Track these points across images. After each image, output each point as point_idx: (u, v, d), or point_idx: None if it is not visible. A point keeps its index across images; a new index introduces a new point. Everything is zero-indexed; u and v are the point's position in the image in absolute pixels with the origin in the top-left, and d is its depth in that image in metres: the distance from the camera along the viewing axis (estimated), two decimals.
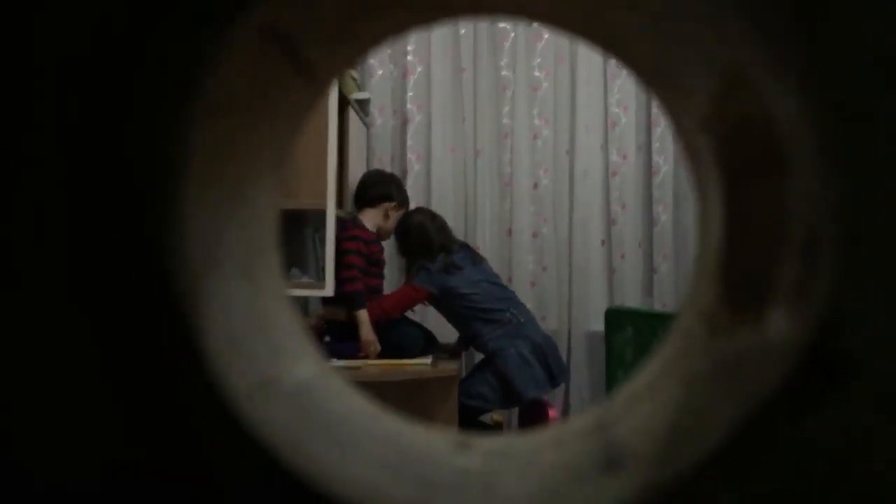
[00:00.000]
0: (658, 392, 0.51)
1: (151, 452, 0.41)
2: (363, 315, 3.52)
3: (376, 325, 3.55)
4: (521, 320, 3.69)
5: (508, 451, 0.53)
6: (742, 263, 0.50)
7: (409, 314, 4.07)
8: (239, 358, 0.43)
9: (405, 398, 3.28)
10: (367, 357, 3.52)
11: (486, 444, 0.54)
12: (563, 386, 4.57)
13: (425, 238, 3.73)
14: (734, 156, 0.50)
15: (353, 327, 3.54)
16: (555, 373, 3.71)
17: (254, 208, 0.52)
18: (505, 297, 3.76)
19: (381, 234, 3.85)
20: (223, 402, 0.40)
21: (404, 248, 3.82)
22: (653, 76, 0.56)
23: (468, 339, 3.82)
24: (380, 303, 3.62)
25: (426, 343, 3.67)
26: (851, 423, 0.39)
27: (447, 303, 3.72)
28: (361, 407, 0.54)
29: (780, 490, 0.40)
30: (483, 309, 3.66)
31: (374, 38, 0.56)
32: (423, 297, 3.70)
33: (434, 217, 3.86)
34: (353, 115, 4.02)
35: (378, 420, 0.53)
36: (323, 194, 3.46)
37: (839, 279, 0.39)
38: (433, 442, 0.53)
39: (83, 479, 0.40)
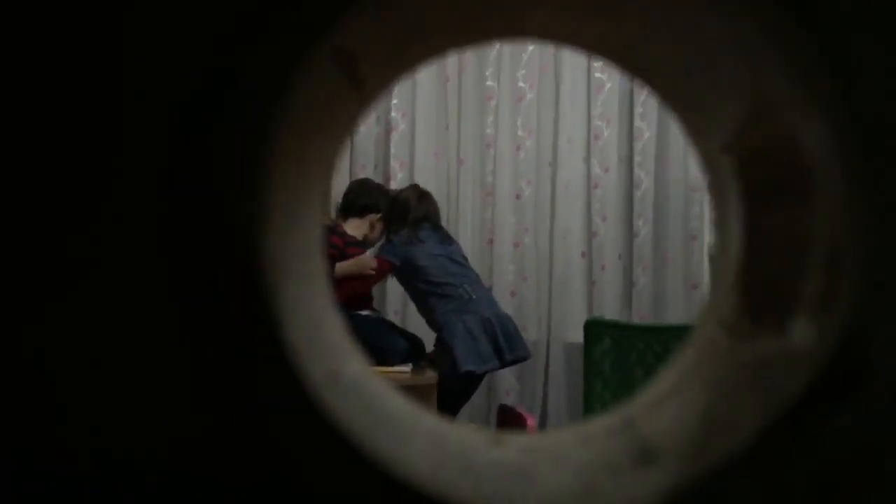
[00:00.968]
0: (683, 395, 0.55)
1: (238, 434, 0.44)
2: (340, 266, 3.54)
3: (350, 303, 3.57)
4: (474, 297, 3.69)
5: (538, 447, 0.56)
6: (763, 276, 0.54)
7: (393, 320, 4.09)
8: (312, 354, 0.47)
9: None
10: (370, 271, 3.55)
11: (516, 440, 0.58)
12: (541, 397, 4.61)
13: (404, 212, 3.75)
14: (756, 177, 0.54)
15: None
16: (503, 349, 3.69)
17: (307, 216, 0.55)
18: (461, 274, 3.75)
19: (366, 244, 3.87)
20: (303, 389, 0.43)
21: (385, 219, 3.84)
22: (678, 101, 0.60)
23: (424, 317, 3.82)
24: (349, 282, 3.63)
25: (412, 351, 3.67)
26: (869, 428, 0.44)
27: (407, 276, 3.74)
28: (404, 405, 0.57)
29: (806, 488, 0.44)
30: (437, 283, 3.67)
31: (419, 59, 0.60)
32: (387, 270, 3.72)
33: (423, 196, 3.86)
34: None
35: (420, 417, 0.57)
36: None
37: (861, 294, 0.43)
38: (470, 438, 0.56)
39: (172, 456, 0.45)
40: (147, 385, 0.45)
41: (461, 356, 3.58)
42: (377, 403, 0.54)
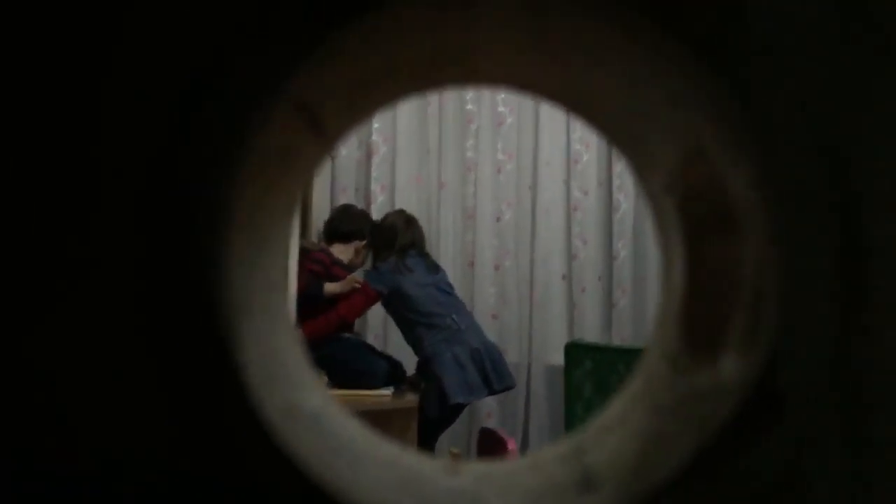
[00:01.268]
0: (627, 423, 0.58)
1: (201, 465, 0.47)
2: (328, 286, 3.58)
3: (335, 329, 3.59)
4: (462, 326, 3.72)
5: (492, 474, 0.59)
6: (701, 311, 0.57)
7: (374, 343, 4.10)
8: (270, 387, 0.49)
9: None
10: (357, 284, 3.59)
11: (471, 468, 0.60)
12: (523, 420, 4.63)
13: (391, 237, 3.77)
14: (694, 216, 0.58)
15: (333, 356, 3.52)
16: (491, 379, 3.72)
17: (271, 253, 0.58)
18: (448, 304, 3.78)
19: (351, 269, 3.90)
20: (262, 425, 0.46)
21: (371, 244, 3.87)
22: (623, 143, 0.64)
23: (411, 346, 3.84)
24: (336, 310, 3.65)
25: (392, 375, 3.69)
26: (784, 453, 0.47)
27: (395, 305, 3.76)
28: (362, 434, 0.60)
29: None
30: (425, 313, 3.69)
31: (377, 104, 0.63)
32: (374, 298, 3.74)
33: (409, 222, 3.89)
34: None
35: (378, 445, 0.60)
36: None
37: (778, 331, 0.47)
38: (426, 466, 0.59)
39: (139, 484, 0.47)
40: (138, 390, 0.47)
41: (450, 388, 3.60)
42: (335, 433, 0.56)
